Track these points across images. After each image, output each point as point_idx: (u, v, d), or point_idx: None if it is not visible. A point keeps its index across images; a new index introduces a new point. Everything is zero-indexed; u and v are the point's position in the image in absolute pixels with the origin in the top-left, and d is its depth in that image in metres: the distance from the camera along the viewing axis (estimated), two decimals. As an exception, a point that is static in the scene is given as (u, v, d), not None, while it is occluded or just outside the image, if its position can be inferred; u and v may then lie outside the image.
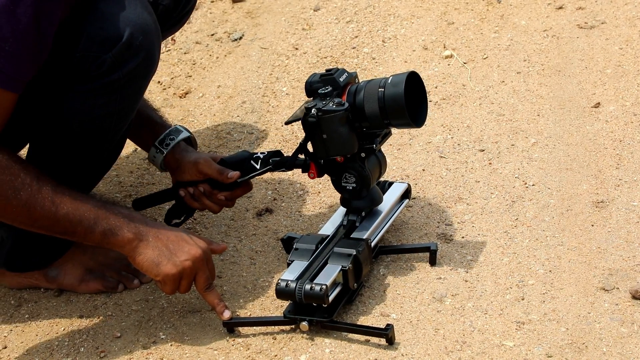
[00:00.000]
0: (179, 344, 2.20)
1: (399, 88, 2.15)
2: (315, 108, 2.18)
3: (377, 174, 2.30)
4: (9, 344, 2.25)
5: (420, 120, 2.20)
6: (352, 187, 2.27)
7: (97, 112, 2.14)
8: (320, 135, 2.20)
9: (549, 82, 3.00)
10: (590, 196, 2.53)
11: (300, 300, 2.12)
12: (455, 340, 2.13)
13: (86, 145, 2.19)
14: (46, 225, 2.08)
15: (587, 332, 2.12)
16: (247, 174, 2.36)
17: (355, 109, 2.19)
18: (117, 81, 2.11)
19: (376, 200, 2.33)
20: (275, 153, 2.35)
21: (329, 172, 2.28)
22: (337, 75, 2.22)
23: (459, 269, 2.33)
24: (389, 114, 2.17)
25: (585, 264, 2.31)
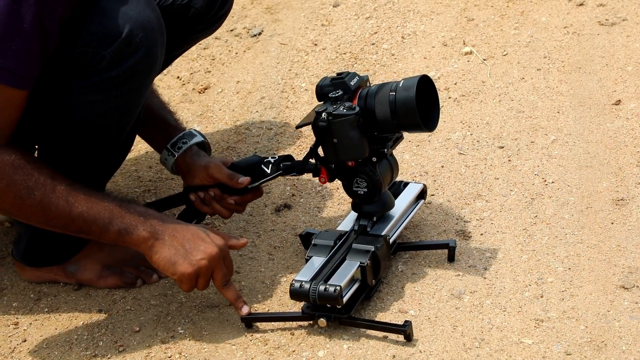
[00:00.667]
0: (197, 339, 2.21)
1: (411, 92, 2.12)
2: (326, 112, 2.16)
3: (388, 178, 2.28)
4: (29, 337, 2.26)
5: (432, 124, 2.18)
6: (363, 191, 2.24)
7: (97, 108, 2.13)
8: (331, 140, 2.17)
9: (569, 79, 2.99)
10: (610, 194, 2.52)
11: (314, 301, 2.12)
12: (474, 337, 2.13)
13: (91, 141, 2.19)
14: (61, 225, 2.08)
15: (607, 330, 2.12)
16: (257, 179, 2.34)
17: (366, 112, 2.17)
18: (116, 78, 2.10)
19: (388, 204, 2.30)
20: (286, 157, 2.34)
21: (340, 177, 2.26)
22: (348, 79, 2.20)
23: (478, 266, 2.33)
24: (400, 118, 2.14)
25: (605, 262, 2.30)
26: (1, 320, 2.32)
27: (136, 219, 2.11)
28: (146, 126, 2.46)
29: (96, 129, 2.17)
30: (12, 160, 2.02)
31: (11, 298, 2.38)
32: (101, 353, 2.19)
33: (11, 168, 2.02)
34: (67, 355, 2.20)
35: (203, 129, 2.98)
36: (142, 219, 2.11)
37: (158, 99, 2.51)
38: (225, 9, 2.64)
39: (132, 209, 2.12)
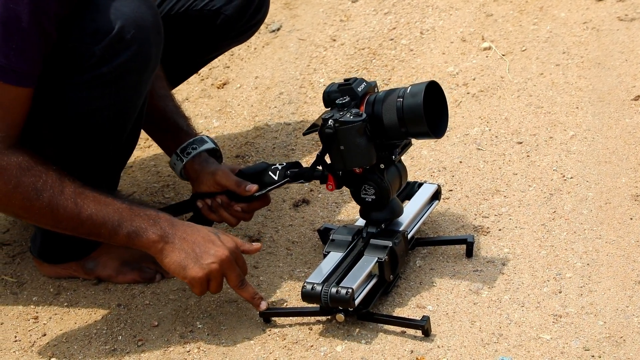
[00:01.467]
0: (215, 334, 2.22)
1: (418, 98, 2.09)
2: (333, 119, 2.13)
3: (397, 185, 2.25)
4: (48, 331, 2.27)
5: (440, 131, 2.15)
6: (371, 199, 2.21)
7: (92, 104, 2.12)
8: (338, 147, 2.15)
9: (588, 75, 2.98)
10: (629, 189, 2.51)
11: (326, 303, 2.11)
12: (492, 332, 2.13)
13: (90, 139, 2.17)
14: (70, 227, 2.08)
15: (625, 326, 2.11)
16: (265, 186, 2.32)
17: (373, 119, 2.14)
18: (108, 74, 2.08)
19: (396, 212, 2.26)
20: (294, 164, 2.32)
21: (348, 184, 2.23)
22: (355, 85, 2.17)
23: (496, 262, 2.32)
24: (407, 124, 2.11)
25: (624, 258, 2.30)
26: (21, 315, 2.33)
27: (146, 222, 2.10)
28: (158, 130, 2.46)
29: (94, 126, 2.15)
30: (20, 162, 2.02)
31: (31, 292, 2.40)
32: (120, 347, 2.21)
33: (19, 170, 2.01)
34: (86, 349, 2.21)
35: (221, 125, 2.98)
36: (152, 221, 2.11)
37: (173, 102, 2.49)
38: (258, 17, 2.62)
39: (142, 211, 2.11)
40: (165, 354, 2.17)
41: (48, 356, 2.20)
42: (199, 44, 2.66)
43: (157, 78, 2.42)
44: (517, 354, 2.07)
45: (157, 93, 2.43)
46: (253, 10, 2.61)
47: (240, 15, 2.57)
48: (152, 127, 2.47)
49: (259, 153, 2.84)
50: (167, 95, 2.47)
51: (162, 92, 2.45)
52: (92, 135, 2.17)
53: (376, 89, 2.23)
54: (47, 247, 2.38)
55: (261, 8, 2.64)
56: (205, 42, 2.65)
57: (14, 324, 2.31)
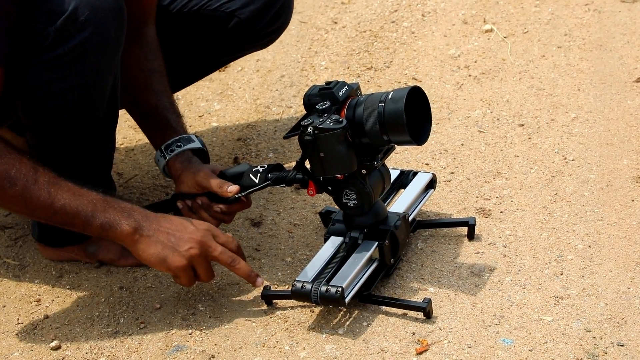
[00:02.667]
0: (217, 316, 2.22)
1: (399, 104, 2.02)
2: (312, 126, 2.07)
3: (379, 189, 2.19)
4: (51, 313, 2.28)
5: (422, 138, 2.08)
6: (353, 203, 2.16)
7: (55, 87, 2.10)
8: (318, 154, 2.09)
9: (590, 57, 2.98)
10: (631, 171, 2.51)
11: (317, 302, 2.10)
12: (493, 314, 2.13)
13: (60, 123, 2.16)
14: (44, 216, 2.08)
15: (627, 307, 2.11)
16: (246, 188, 2.27)
17: (354, 124, 2.08)
18: (65, 56, 2.06)
19: (380, 215, 2.20)
20: (276, 167, 2.26)
21: (329, 190, 2.18)
22: (336, 90, 2.10)
23: (498, 244, 2.33)
24: (388, 130, 2.05)
25: (625, 239, 2.30)
26: (23, 297, 2.34)
27: (119, 214, 2.09)
28: (147, 124, 2.43)
29: (61, 110, 2.14)
30: None
31: (33, 275, 2.40)
32: (122, 330, 2.21)
33: None
34: (88, 331, 2.22)
35: (223, 108, 2.98)
36: (125, 214, 2.09)
37: (168, 99, 2.44)
38: (277, 25, 2.58)
39: (116, 204, 2.10)
40: (167, 337, 2.17)
41: (50, 338, 2.20)
42: (210, 46, 2.61)
43: (154, 72, 2.40)
44: (518, 336, 2.07)
45: (152, 88, 2.41)
46: (271, 17, 2.56)
47: (256, 20, 2.52)
48: (142, 121, 2.45)
49: (260, 136, 2.84)
50: (162, 90, 2.43)
51: (158, 87, 2.42)
52: (61, 119, 2.15)
53: (358, 91, 2.16)
54: (46, 231, 2.38)
55: (280, 15, 2.58)
56: (216, 45, 2.60)
57: (17, 306, 2.31)
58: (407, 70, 3.04)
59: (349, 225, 2.21)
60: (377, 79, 3.02)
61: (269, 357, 2.09)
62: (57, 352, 2.17)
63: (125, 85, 2.32)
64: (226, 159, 2.75)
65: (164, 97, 2.43)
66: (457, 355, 2.04)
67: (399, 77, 3.01)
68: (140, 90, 2.40)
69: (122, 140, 2.87)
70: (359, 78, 3.03)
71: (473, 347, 2.06)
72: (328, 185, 2.17)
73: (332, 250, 2.20)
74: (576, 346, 2.03)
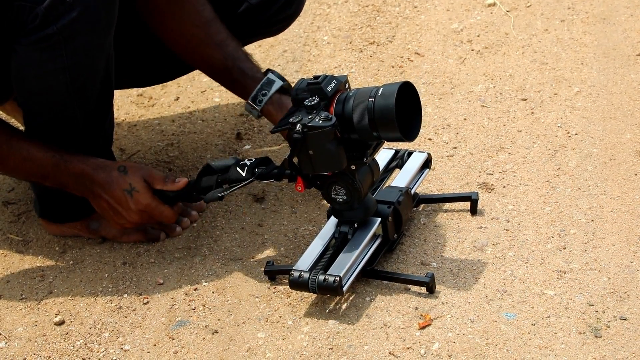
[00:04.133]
0: (220, 291, 2.22)
1: (390, 100, 1.99)
2: (301, 123, 2.03)
3: (369, 184, 2.16)
4: (54, 289, 2.29)
5: (412, 134, 2.05)
6: (342, 199, 2.13)
7: (46, 67, 2.11)
8: (307, 152, 2.06)
9: (593, 30, 2.96)
10: (634, 145, 2.51)
11: (314, 291, 2.09)
12: (496, 289, 2.13)
13: (53, 104, 2.18)
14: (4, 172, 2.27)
15: (629, 281, 2.12)
16: (232, 181, 2.21)
17: (343, 119, 2.05)
18: (54, 36, 2.06)
19: (370, 209, 2.17)
20: (264, 160, 2.20)
21: (318, 185, 2.15)
22: (324, 85, 2.06)
23: (500, 218, 2.33)
24: (378, 126, 2.02)
25: (628, 213, 2.30)
26: (27, 273, 2.34)
27: (70, 179, 2.23)
28: (225, 81, 2.43)
29: (51, 90, 2.15)
30: None
31: (36, 251, 2.40)
32: (126, 305, 2.22)
33: None
34: (92, 307, 2.22)
35: (225, 83, 2.97)
36: (74, 178, 2.22)
37: (232, 44, 2.39)
38: (288, 12, 2.56)
39: (65, 167, 2.21)
40: (170, 312, 2.18)
41: (54, 313, 2.21)
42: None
43: (209, 23, 2.37)
44: (521, 310, 2.07)
45: (213, 40, 2.38)
46: (282, 4, 2.53)
47: (266, 6, 2.50)
48: (218, 79, 2.45)
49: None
50: (223, 39, 2.39)
51: (218, 37, 2.39)
52: (53, 99, 2.16)
53: (347, 84, 2.13)
54: (46, 206, 2.38)
55: (292, 4, 2.55)
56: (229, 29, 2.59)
57: (20, 282, 2.32)
58: (410, 45, 3.03)
59: (339, 219, 2.18)
60: (380, 54, 3.01)
61: (272, 332, 2.10)
62: (61, 327, 2.18)
63: (187, 46, 2.36)
64: (229, 134, 2.75)
65: (227, 46, 2.40)
66: (460, 329, 2.05)
67: (401, 52, 3.00)
68: (203, 48, 2.38)
69: (124, 116, 2.87)
70: (361, 53, 3.02)
71: (476, 321, 2.06)
72: (317, 181, 2.15)
73: (332, 231, 2.19)
74: (579, 320, 2.04)
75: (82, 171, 2.21)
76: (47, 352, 2.13)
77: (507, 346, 2.00)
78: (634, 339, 1.99)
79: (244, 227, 2.40)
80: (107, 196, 2.23)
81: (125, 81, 2.60)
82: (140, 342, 2.12)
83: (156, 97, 2.93)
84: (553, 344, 2.00)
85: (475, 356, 1.99)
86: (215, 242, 2.36)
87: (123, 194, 2.22)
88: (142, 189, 2.23)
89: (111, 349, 2.12)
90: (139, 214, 2.24)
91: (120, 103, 2.92)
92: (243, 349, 2.07)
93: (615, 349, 1.97)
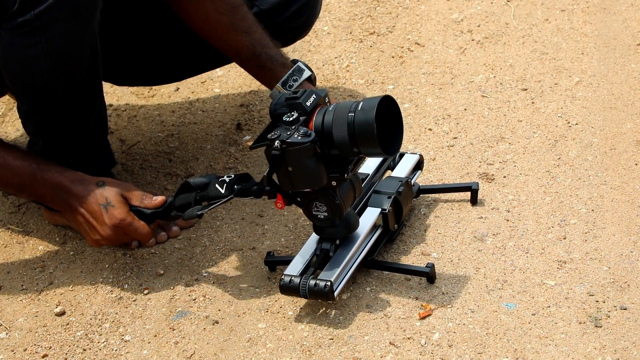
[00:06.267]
0: (221, 282, 2.23)
1: (370, 114, 1.94)
2: (279, 140, 1.98)
3: (350, 200, 2.10)
4: (55, 280, 2.29)
5: (393, 149, 2.00)
6: (323, 215, 2.08)
7: (28, 52, 2.11)
8: (285, 168, 2.01)
9: (594, 20, 2.96)
10: (635, 135, 2.50)
11: (305, 297, 2.07)
12: (496, 279, 2.13)
13: (37, 90, 2.17)
14: None
15: (630, 271, 2.12)
16: (211, 199, 2.15)
17: (323, 134, 1.99)
18: (33, 22, 2.06)
19: (352, 226, 2.12)
20: (242, 177, 2.13)
21: (298, 202, 2.09)
22: (303, 99, 2.01)
23: (500, 209, 2.33)
24: (358, 141, 1.96)
25: (629, 203, 2.30)
26: (28, 264, 2.34)
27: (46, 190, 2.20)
28: (252, 67, 2.41)
29: (34, 75, 2.15)
30: None
31: (37, 242, 2.40)
32: (126, 295, 2.22)
33: None
34: (92, 297, 2.22)
35: (225, 74, 2.97)
36: (51, 189, 2.19)
37: (259, 31, 2.39)
38: (299, 21, 2.55)
39: (43, 178, 2.19)
40: (171, 302, 2.18)
41: (55, 304, 2.21)
42: None
43: (234, 9, 2.37)
44: (521, 300, 2.07)
45: (240, 27, 2.37)
46: (293, 12, 2.53)
47: (276, 12, 2.50)
48: (245, 65, 2.43)
49: (262, 102, 2.83)
50: (250, 25, 2.39)
51: (244, 23, 2.38)
52: (37, 86, 2.16)
53: (326, 98, 2.07)
54: None
55: (303, 13, 2.55)
56: None
57: (21, 272, 2.32)
58: (410, 35, 3.03)
59: (320, 235, 2.14)
60: (380, 44, 3.01)
61: (273, 323, 2.10)
62: (62, 317, 2.18)
63: (214, 33, 2.36)
64: (229, 125, 2.75)
65: (254, 32, 2.40)
66: (460, 319, 2.05)
67: (401, 42, 3.00)
68: (229, 34, 2.38)
69: (124, 107, 2.87)
70: (361, 43, 3.02)
71: (476, 311, 2.06)
72: (297, 197, 2.10)
73: (314, 248, 2.15)
74: (579, 310, 2.04)
75: (59, 183, 2.19)
76: (48, 342, 2.13)
77: (508, 336, 2.00)
78: (634, 328, 1.99)
79: (244, 218, 2.40)
80: (83, 209, 2.19)
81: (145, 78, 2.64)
82: (140, 333, 2.12)
83: (156, 88, 2.93)
84: (553, 333, 2.00)
85: (475, 346, 1.99)
86: (215, 233, 2.36)
87: (99, 208, 2.18)
88: (117, 203, 2.19)
89: (112, 339, 2.12)
90: (113, 229, 2.18)
91: (120, 94, 2.92)
92: (244, 339, 2.08)
93: (616, 339, 1.97)
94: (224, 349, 2.06)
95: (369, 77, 2.87)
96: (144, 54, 2.55)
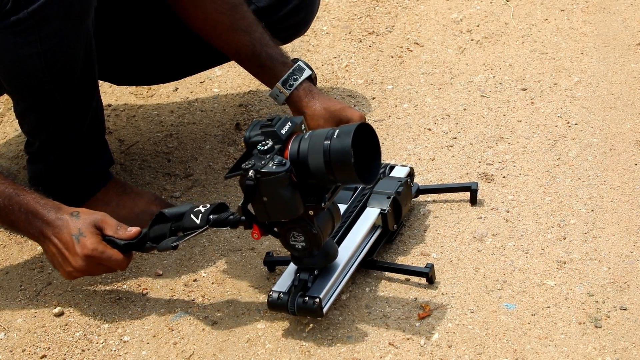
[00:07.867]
0: (220, 282, 2.22)
1: (346, 142, 1.88)
2: (253, 169, 1.91)
3: (329, 230, 2.04)
4: (53, 280, 2.28)
5: (370, 177, 1.94)
6: (301, 245, 2.01)
7: (21, 51, 2.10)
8: (261, 198, 1.94)
9: (593, 20, 2.96)
10: (634, 135, 2.50)
11: (294, 314, 2.04)
12: (496, 279, 2.13)
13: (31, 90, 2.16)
14: None
15: (629, 272, 2.11)
16: (186, 229, 2.09)
17: (299, 163, 1.93)
18: (26, 21, 2.05)
19: (331, 255, 2.07)
20: (218, 207, 2.07)
21: (275, 232, 2.03)
22: (278, 127, 1.95)
23: (500, 209, 2.32)
24: (334, 169, 1.90)
25: (628, 203, 2.30)
26: (26, 264, 2.34)
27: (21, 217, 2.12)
28: (252, 66, 2.42)
29: (28, 75, 2.14)
30: None
31: (35, 243, 2.40)
32: (125, 296, 2.21)
33: None
34: (91, 298, 2.22)
35: (224, 73, 2.97)
36: (27, 218, 2.11)
37: (259, 30, 2.39)
38: (297, 19, 2.54)
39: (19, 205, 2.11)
40: (169, 303, 2.18)
41: (53, 305, 2.21)
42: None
43: (234, 9, 2.37)
44: (521, 301, 2.07)
45: (239, 26, 2.37)
46: (290, 10, 2.53)
47: (273, 10, 2.49)
48: (245, 64, 2.44)
49: (261, 102, 2.83)
50: (250, 24, 2.38)
51: (244, 22, 2.38)
52: (31, 85, 2.15)
53: (303, 126, 2.01)
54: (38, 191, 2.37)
55: (300, 11, 2.54)
56: None
57: (19, 273, 2.32)
58: (409, 35, 3.03)
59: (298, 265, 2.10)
60: (379, 44, 3.00)
61: (272, 323, 2.10)
62: (60, 318, 2.18)
63: (214, 33, 2.35)
64: (228, 125, 2.74)
65: (254, 31, 2.39)
66: (460, 320, 2.04)
67: (400, 42, 3.00)
68: (228, 34, 2.38)
69: (123, 107, 2.86)
70: (360, 43, 3.02)
71: (476, 312, 2.06)
72: (274, 227, 2.04)
73: (291, 279, 2.10)
74: (579, 310, 2.04)
75: (34, 209, 2.12)
76: (47, 343, 2.12)
77: (507, 336, 2.00)
78: (634, 329, 1.99)
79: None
80: (56, 239, 2.12)
81: (144, 77, 2.62)
82: (139, 333, 2.12)
83: (155, 88, 2.92)
84: (553, 334, 1.99)
85: (475, 347, 1.99)
86: (214, 233, 2.36)
87: (71, 238, 2.11)
88: (89, 234, 2.11)
89: (110, 340, 2.12)
90: (85, 260, 2.10)
91: (119, 94, 2.92)
92: (243, 339, 2.07)
93: (615, 339, 1.97)
94: (223, 350, 2.06)
95: (368, 77, 2.87)
96: (142, 53, 2.55)
